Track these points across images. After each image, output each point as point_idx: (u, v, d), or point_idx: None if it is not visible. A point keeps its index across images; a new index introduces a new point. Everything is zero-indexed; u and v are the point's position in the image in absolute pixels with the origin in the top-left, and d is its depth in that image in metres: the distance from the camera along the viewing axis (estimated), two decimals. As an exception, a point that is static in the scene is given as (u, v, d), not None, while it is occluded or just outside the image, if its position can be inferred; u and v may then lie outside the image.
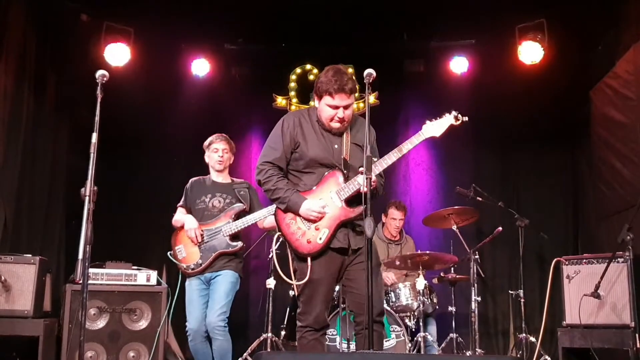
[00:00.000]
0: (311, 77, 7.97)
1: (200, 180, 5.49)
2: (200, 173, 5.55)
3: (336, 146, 4.04)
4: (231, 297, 5.16)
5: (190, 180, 5.52)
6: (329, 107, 3.95)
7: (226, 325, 5.05)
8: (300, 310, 4.04)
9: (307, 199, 3.96)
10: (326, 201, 3.95)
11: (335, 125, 4.00)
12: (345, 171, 3.99)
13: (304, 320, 4.01)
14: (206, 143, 5.45)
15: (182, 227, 5.27)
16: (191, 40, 7.66)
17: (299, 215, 3.97)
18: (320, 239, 3.92)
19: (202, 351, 5.16)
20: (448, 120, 4.10)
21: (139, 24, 7.19)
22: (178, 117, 7.58)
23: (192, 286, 5.21)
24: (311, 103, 7.27)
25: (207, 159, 5.46)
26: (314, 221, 3.95)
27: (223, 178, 5.45)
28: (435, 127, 4.08)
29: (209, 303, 5.14)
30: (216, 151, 5.39)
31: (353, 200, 3.94)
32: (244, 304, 7.02)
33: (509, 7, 6.78)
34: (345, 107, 3.95)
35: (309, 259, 3.94)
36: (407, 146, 4.00)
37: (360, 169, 3.82)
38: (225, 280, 5.14)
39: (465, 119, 4.12)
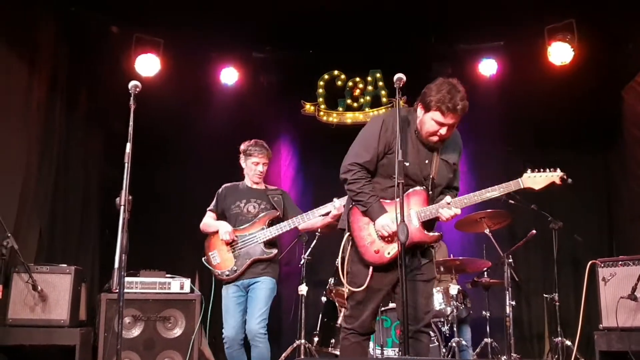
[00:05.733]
0: (339, 83, 8.00)
1: (234, 187, 5.48)
2: (231, 180, 5.56)
3: (427, 161, 3.90)
4: (270, 304, 5.16)
5: (223, 186, 5.51)
6: (435, 123, 3.78)
7: (266, 332, 5.07)
8: (348, 314, 4.01)
9: (386, 213, 3.83)
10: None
11: (434, 139, 3.85)
12: (430, 192, 3.89)
13: (350, 323, 3.98)
14: (245, 148, 5.38)
15: (215, 232, 5.26)
16: (220, 50, 7.73)
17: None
18: (389, 253, 3.84)
19: (238, 358, 5.18)
20: (552, 177, 3.92)
21: (169, 35, 7.26)
22: (208, 126, 7.65)
23: (229, 294, 5.20)
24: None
25: (242, 164, 5.43)
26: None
27: (258, 184, 5.46)
28: (537, 181, 3.92)
29: (249, 310, 5.13)
30: (257, 164, 5.34)
31: (431, 224, 3.85)
32: (276, 311, 6.97)
33: (538, 8, 6.72)
34: (450, 126, 3.82)
35: (370, 268, 3.87)
36: (500, 190, 3.92)
37: (447, 199, 3.83)
38: (265, 287, 5.15)
39: (570, 181, 3.93)
